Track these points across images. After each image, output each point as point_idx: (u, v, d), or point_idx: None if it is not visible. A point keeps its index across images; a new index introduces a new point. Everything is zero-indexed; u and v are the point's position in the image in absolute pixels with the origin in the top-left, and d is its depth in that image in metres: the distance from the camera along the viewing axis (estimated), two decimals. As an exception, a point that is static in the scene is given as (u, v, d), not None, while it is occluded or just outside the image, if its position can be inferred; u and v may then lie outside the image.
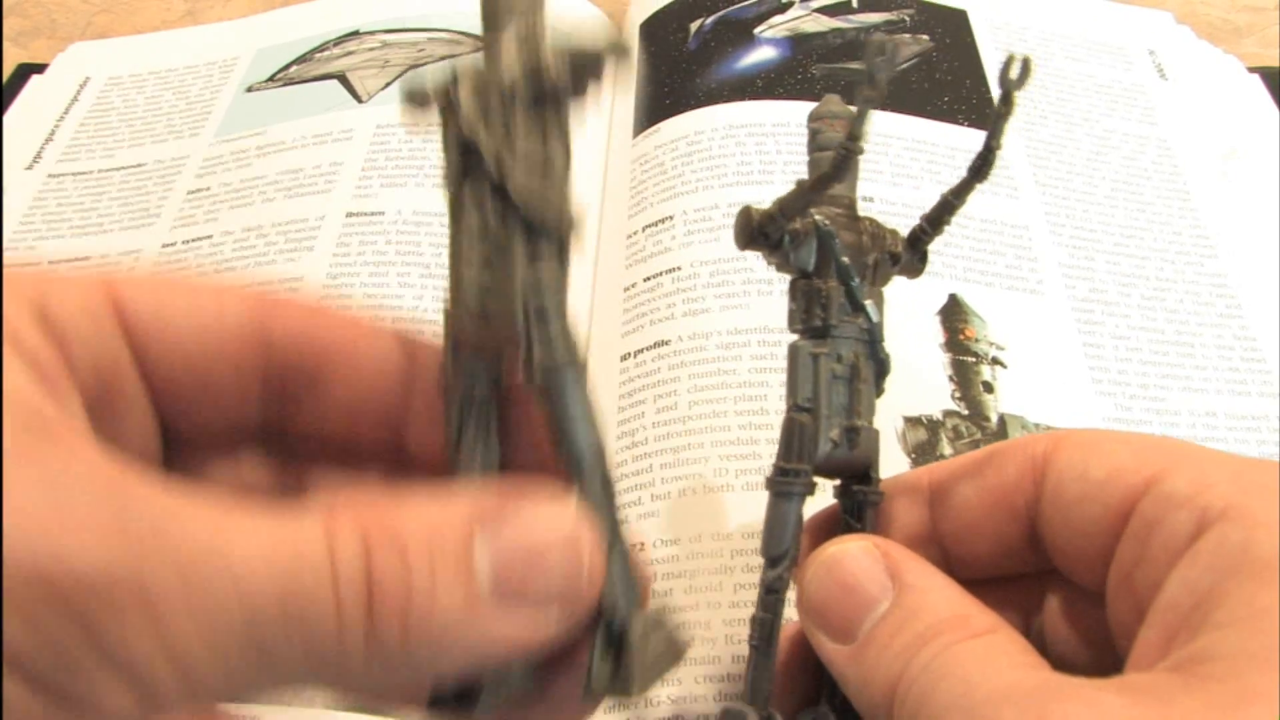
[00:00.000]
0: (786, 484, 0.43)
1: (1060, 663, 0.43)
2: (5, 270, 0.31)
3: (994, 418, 0.67)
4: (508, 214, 0.37)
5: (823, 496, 0.45)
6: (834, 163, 0.41)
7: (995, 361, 0.70)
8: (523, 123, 0.38)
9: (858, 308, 0.44)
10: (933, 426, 0.66)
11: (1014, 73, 0.40)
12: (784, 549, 0.44)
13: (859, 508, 0.44)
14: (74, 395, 0.32)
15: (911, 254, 0.46)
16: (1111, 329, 0.74)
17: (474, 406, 0.38)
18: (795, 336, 0.45)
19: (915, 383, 0.68)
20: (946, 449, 0.64)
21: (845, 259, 0.43)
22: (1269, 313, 0.76)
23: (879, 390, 0.45)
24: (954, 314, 0.72)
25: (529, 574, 0.33)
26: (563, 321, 0.37)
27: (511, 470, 0.38)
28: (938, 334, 0.71)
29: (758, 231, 0.44)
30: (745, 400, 0.65)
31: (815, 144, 0.46)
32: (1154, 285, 0.78)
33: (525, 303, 0.36)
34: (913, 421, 0.66)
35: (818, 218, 0.44)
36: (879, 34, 0.37)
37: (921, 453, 0.64)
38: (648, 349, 0.71)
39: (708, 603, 0.57)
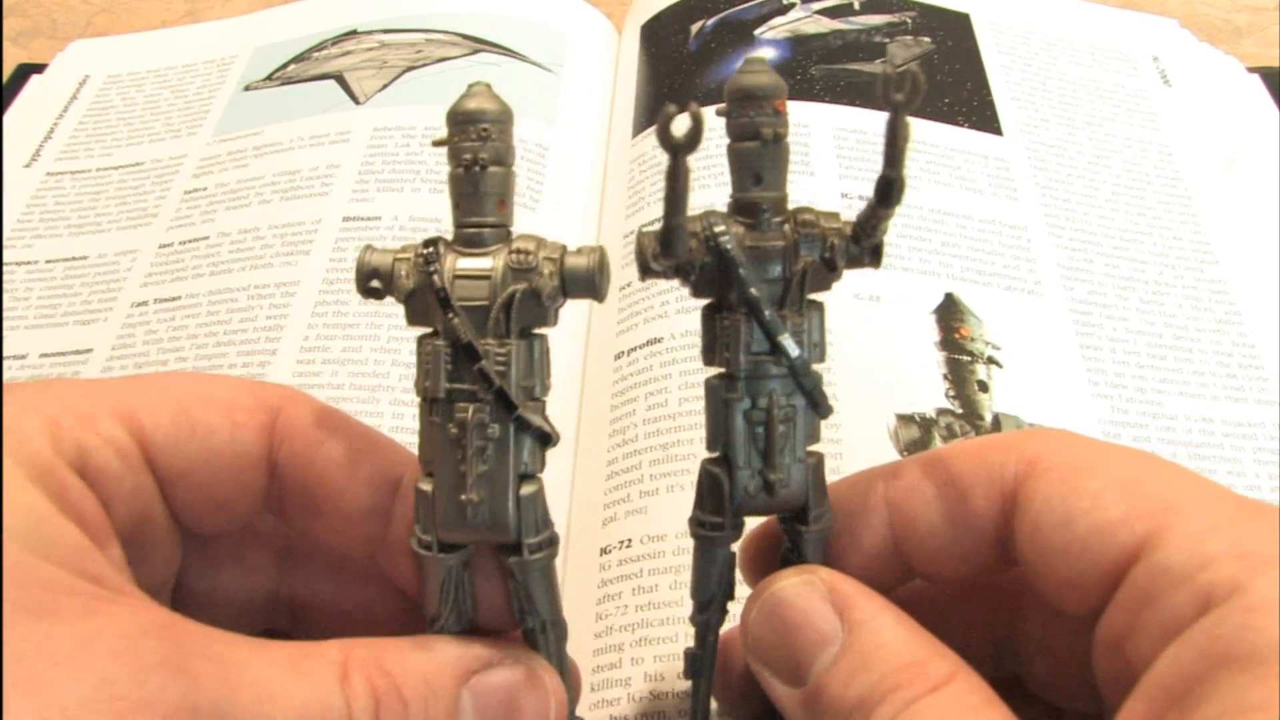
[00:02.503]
0: (708, 537, 0.41)
1: (1033, 678, 0.42)
2: (45, 413, 0.36)
3: (988, 417, 0.66)
4: (502, 414, 0.38)
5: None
6: (663, 221, 0.36)
7: (991, 361, 0.69)
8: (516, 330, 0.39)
9: (774, 347, 0.39)
10: (926, 424, 0.65)
11: (901, 91, 0.33)
12: (708, 595, 0.43)
13: (797, 541, 0.41)
14: (114, 541, 0.36)
15: (859, 249, 0.39)
16: (1109, 331, 0.74)
17: (452, 581, 0.40)
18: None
19: (909, 380, 0.68)
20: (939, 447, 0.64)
21: (754, 290, 0.38)
22: (1268, 320, 0.76)
23: (822, 413, 0.40)
24: (950, 312, 0.72)
25: None
26: (548, 519, 0.40)
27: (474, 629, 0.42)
28: (933, 332, 0.71)
29: (648, 264, 0.39)
30: (736, 398, 0.65)
31: (729, 132, 0.39)
32: (1153, 289, 0.77)
33: (519, 503, 0.39)
34: (905, 419, 0.65)
35: (720, 236, 0.38)
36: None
37: (914, 450, 0.64)
38: (640, 346, 0.70)
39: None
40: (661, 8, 1.01)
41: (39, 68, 1.04)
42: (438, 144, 0.40)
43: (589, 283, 0.39)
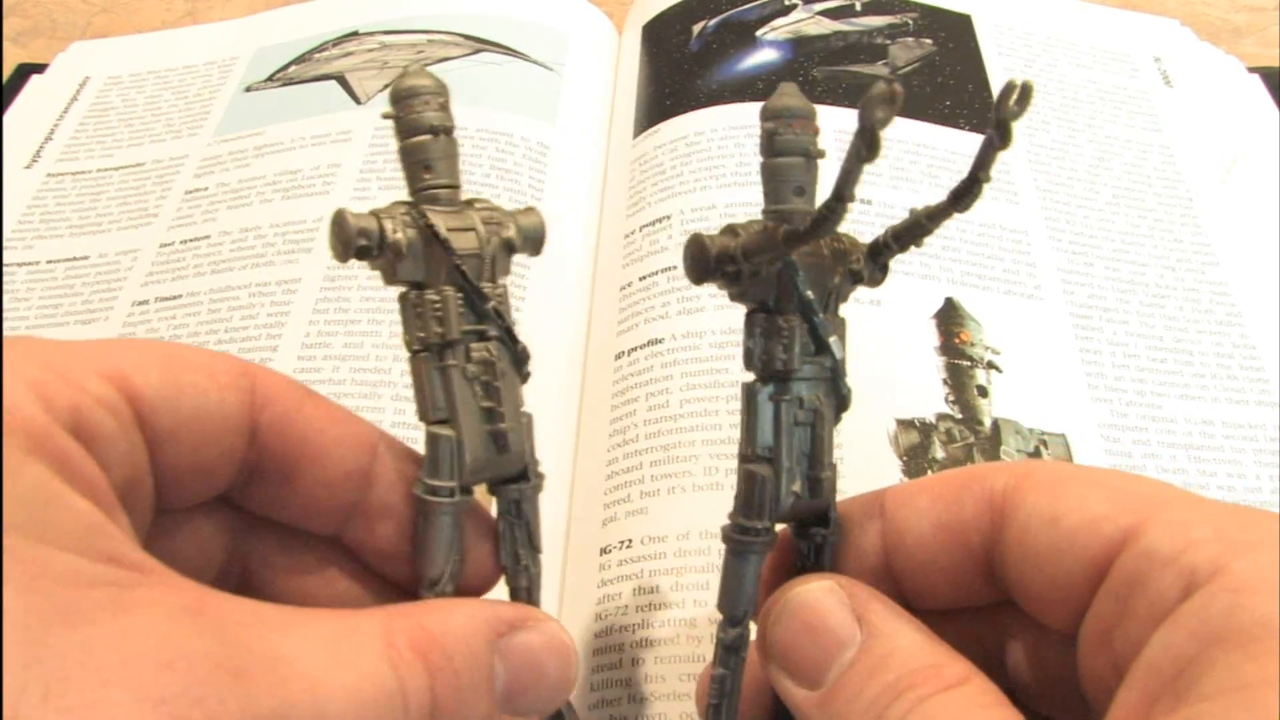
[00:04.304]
0: (746, 542, 0.41)
1: (1022, 696, 0.42)
2: (28, 376, 0.32)
3: (988, 422, 0.66)
4: (506, 352, 0.41)
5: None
6: (814, 221, 0.35)
7: (990, 365, 0.69)
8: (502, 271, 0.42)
9: (821, 347, 0.40)
10: (925, 429, 0.65)
11: (1012, 100, 0.34)
12: (744, 608, 0.42)
13: (818, 549, 0.42)
14: (119, 508, 0.34)
15: (873, 266, 0.41)
16: (1109, 335, 0.74)
17: (456, 534, 0.41)
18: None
19: (908, 385, 0.68)
20: (939, 452, 0.64)
21: (809, 293, 0.39)
22: (1269, 321, 0.76)
23: (836, 421, 0.42)
24: (950, 317, 0.72)
25: (532, 686, 0.38)
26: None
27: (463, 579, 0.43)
28: (932, 337, 0.71)
29: (715, 268, 0.39)
30: (737, 399, 0.64)
31: (772, 148, 0.40)
32: (1153, 292, 0.77)
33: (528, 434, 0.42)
34: (905, 424, 0.65)
35: None
36: (881, 82, 0.31)
37: (913, 456, 0.64)
38: (641, 347, 0.70)
39: (694, 600, 0.57)
40: (663, 8, 1.00)
41: (39, 68, 1.04)
42: (387, 116, 0.42)
43: (538, 240, 0.43)
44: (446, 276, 0.40)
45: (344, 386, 0.69)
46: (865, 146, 0.31)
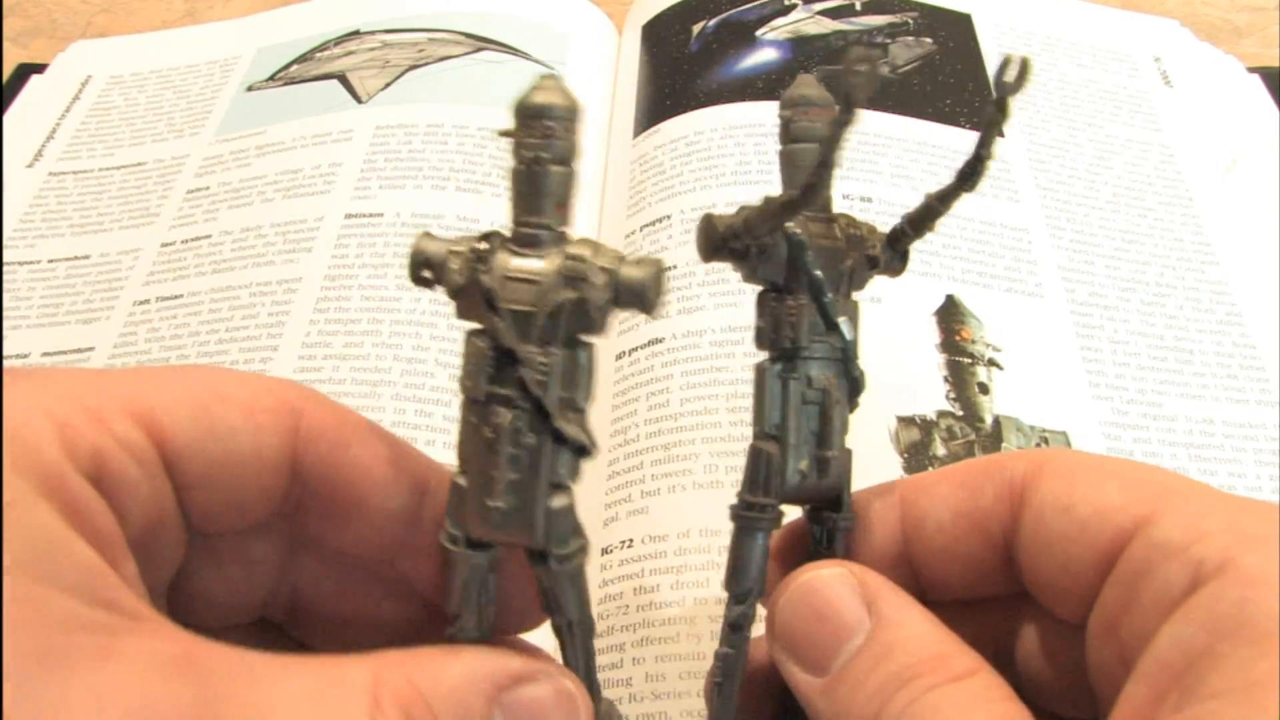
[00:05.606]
0: (752, 519, 0.41)
1: (1031, 688, 0.42)
2: (55, 416, 0.32)
3: (989, 419, 0.66)
4: (539, 424, 0.37)
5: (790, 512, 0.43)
6: (806, 186, 0.35)
7: (991, 363, 0.69)
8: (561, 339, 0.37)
9: (831, 326, 0.40)
10: (926, 427, 0.65)
11: (1010, 75, 0.34)
12: (749, 585, 0.42)
13: (830, 534, 0.42)
14: (128, 556, 0.33)
15: (891, 253, 0.42)
16: (1110, 333, 0.74)
17: (477, 580, 0.39)
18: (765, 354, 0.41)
19: (909, 382, 0.68)
20: (940, 449, 0.64)
21: (818, 272, 0.39)
22: (1269, 320, 0.76)
23: (852, 407, 0.42)
24: (951, 315, 0.72)
25: None
26: (579, 529, 0.39)
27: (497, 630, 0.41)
28: (933, 334, 0.71)
29: (721, 244, 0.39)
30: (737, 398, 0.65)
31: (789, 135, 0.41)
32: (1154, 291, 0.77)
33: (548, 515, 0.37)
34: (906, 421, 0.65)
35: (788, 224, 0.39)
36: (860, 46, 0.32)
37: (914, 453, 0.64)
38: (641, 347, 0.70)
39: (694, 598, 0.57)
40: (663, 8, 1.00)
41: (39, 68, 1.04)
42: (503, 134, 0.38)
43: (641, 295, 0.37)
44: (489, 328, 0.37)
45: (344, 386, 0.69)
46: (845, 110, 0.32)
